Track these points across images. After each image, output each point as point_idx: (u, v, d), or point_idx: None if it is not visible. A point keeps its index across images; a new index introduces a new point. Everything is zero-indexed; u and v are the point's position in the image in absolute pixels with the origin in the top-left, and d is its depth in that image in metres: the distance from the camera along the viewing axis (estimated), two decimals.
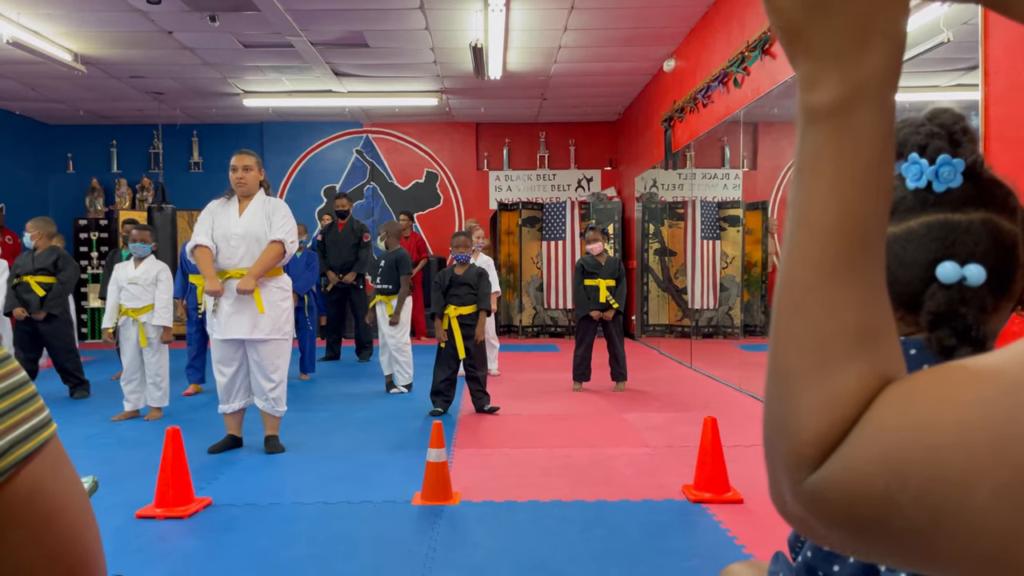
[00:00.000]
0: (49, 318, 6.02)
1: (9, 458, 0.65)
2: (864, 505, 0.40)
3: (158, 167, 11.55)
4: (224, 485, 3.78)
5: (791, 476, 0.44)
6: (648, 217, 9.99)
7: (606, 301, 6.18)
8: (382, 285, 6.35)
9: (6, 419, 0.66)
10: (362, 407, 5.81)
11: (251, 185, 4.26)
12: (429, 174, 11.90)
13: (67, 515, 0.70)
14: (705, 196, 8.82)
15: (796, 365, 0.44)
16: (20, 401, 0.67)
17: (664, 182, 9.57)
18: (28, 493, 0.67)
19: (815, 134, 0.45)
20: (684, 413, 5.46)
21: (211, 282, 4.14)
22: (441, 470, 3.49)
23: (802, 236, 0.46)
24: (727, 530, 3.09)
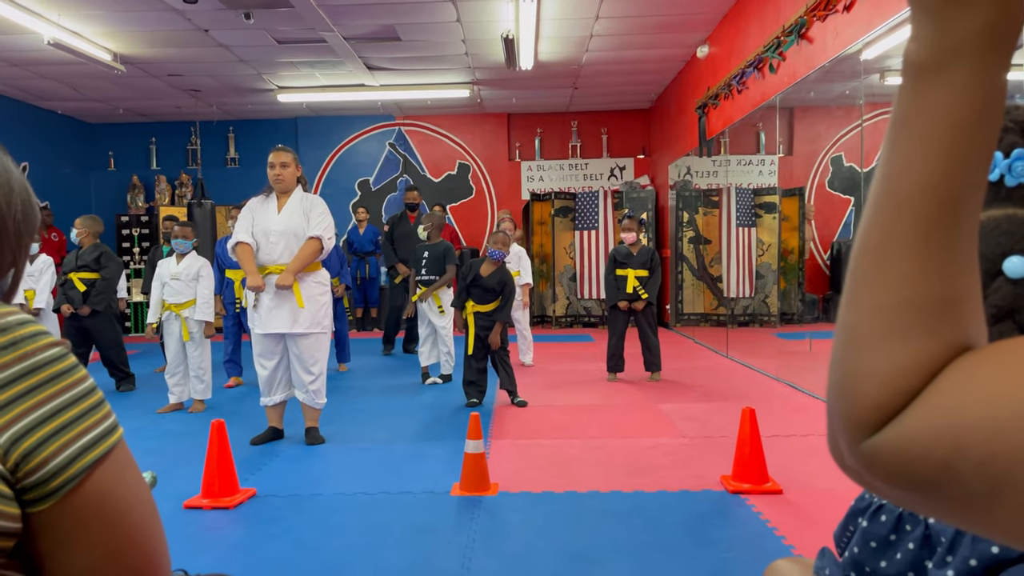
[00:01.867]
0: (93, 314, 6.16)
1: (78, 464, 0.69)
2: (922, 470, 0.41)
3: (196, 163, 11.74)
4: (267, 476, 3.86)
5: (850, 435, 0.44)
6: (682, 205, 9.91)
7: (634, 291, 6.17)
8: (428, 276, 6.39)
9: (75, 426, 0.69)
10: (399, 398, 5.87)
11: (288, 181, 4.32)
12: (461, 166, 11.93)
13: (132, 516, 0.74)
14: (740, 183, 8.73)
15: (866, 329, 0.44)
16: (88, 409, 0.71)
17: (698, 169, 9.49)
18: (96, 496, 0.70)
19: (908, 90, 0.44)
20: (720, 403, 5.43)
21: (253, 278, 4.21)
22: (479, 461, 3.53)
23: (884, 198, 0.45)
24: (766, 521, 3.08)
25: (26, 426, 0.66)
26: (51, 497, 0.67)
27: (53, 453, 0.67)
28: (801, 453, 4.06)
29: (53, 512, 0.67)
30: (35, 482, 0.66)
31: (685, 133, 9.54)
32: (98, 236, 6.37)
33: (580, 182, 11.81)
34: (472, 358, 5.47)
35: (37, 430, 0.66)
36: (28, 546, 0.68)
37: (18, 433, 0.65)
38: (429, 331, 6.51)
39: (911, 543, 0.78)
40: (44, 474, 0.66)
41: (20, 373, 0.66)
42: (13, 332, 0.67)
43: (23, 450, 0.65)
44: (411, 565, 2.72)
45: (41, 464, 0.66)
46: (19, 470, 0.65)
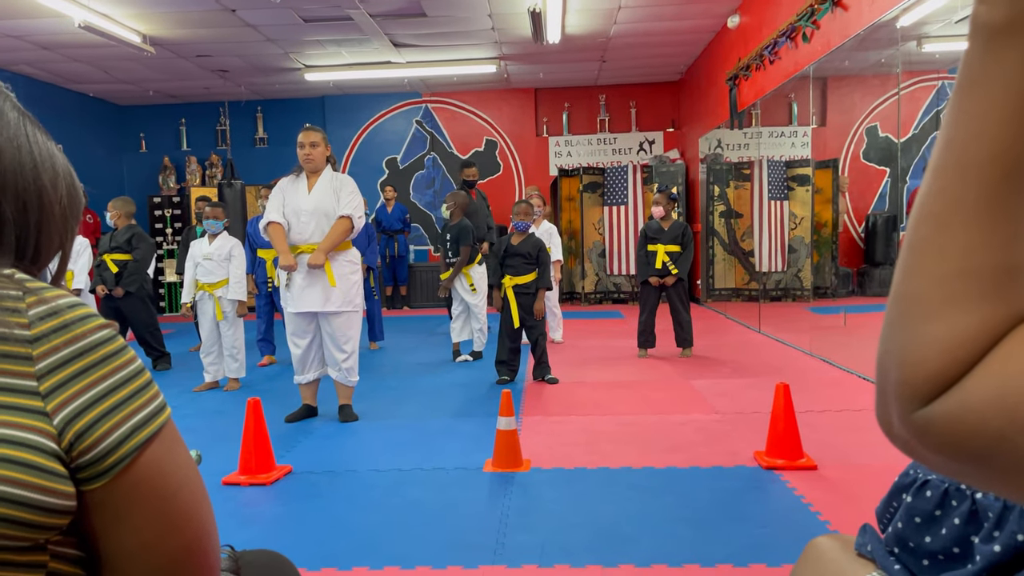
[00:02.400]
0: (126, 295, 6.27)
1: (131, 443, 0.70)
2: (976, 441, 0.40)
3: (225, 144, 11.84)
4: (303, 453, 3.93)
5: (902, 405, 0.44)
6: (713, 179, 9.81)
7: (664, 266, 6.13)
8: (454, 258, 6.43)
9: (126, 406, 0.71)
10: (431, 376, 5.92)
11: (318, 161, 4.35)
12: (488, 142, 11.89)
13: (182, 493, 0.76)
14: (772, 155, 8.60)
15: (924, 297, 0.43)
16: (137, 389, 0.72)
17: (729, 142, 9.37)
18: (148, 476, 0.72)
19: (977, 52, 0.42)
20: (753, 379, 5.40)
21: (285, 257, 4.26)
22: (511, 438, 3.55)
23: (948, 164, 0.43)
24: (801, 496, 3.07)
25: (79, 406, 0.67)
26: (105, 475, 0.69)
27: (106, 432, 0.68)
28: (836, 428, 4.03)
29: (107, 490, 0.69)
30: (89, 461, 0.68)
31: (716, 105, 9.41)
32: (131, 217, 6.47)
33: (609, 157, 11.72)
34: (506, 337, 5.49)
35: (90, 410, 0.68)
36: (82, 524, 0.71)
37: (72, 413, 0.67)
38: (461, 308, 6.55)
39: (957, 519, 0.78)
40: (98, 453, 0.68)
41: (72, 355, 0.68)
42: (64, 315, 0.69)
43: (77, 430, 0.67)
44: (445, 541, 2.75)
45: (95, 443, 0.68)
46: (73, 449, 0.67)
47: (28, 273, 0.74)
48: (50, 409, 0.66)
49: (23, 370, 0.66)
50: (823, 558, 0.95)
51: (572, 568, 2.50)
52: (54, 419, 0.66)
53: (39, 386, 0.66)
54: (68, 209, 0.81)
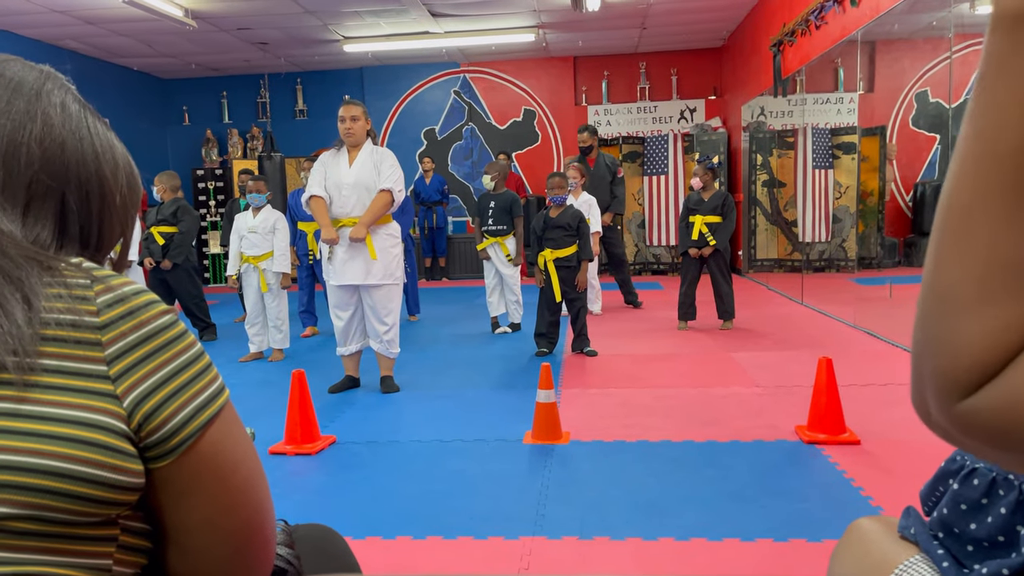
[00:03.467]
0: (172, 267, 6.41)
1: (194, 423, 0.74)
2: (1021, 431, 0.40)
3: (266, 116, 11.96)
4: (346, 423, 4.02)
5: (942, 396, 0.43)
6: (755, 147, 9.64)
7: (701, 236, 6.08)
8: (495, 227, 6.44)
9: (189, 388, 0.74)
10: (470, 347, 5.98)
11: (359, 135, 4.38)
12: (527, 112, 11.82)
13: (241, 471, 0.79)
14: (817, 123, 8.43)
15: (960, 289, 0.43)
16: (199, 372, 0.76)
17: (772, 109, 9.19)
18: (210, 454, 0.75)
19: (1002, 42, 0.41)
20: (795, 352, 5.35)
21: (327, 231, 4.31)
22: (550, 410, 3.58)
23: (976, 154, 0.42)
24: (843, 471, 3.06)
25: (147, 389, 0.71)
26: (171, 455, 0.72)
27: (172, 413, 0.72)
28: (880, 403, 3.99)
29: (172, 468, 0.73)
30: (156, 441, 0.72)
31: (759, 72, 9.22)
32: (177, 191, 6.59)
33: (649, 126, 11.58)
34: (546, 309, 5.51)
35: (156, 392, 0.71)
36: (149, 500, 0.74)
37: (140, 395, 0.70)
38: (496, 280, 6.58)
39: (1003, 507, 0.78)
40: (164, 433, 0.72)
41: (139, 340, 0.71)
42: (130, 302, 0.72)
43: (145, 411, 0.71)
44: (486, 511, 2.81)
45: (161, 424, 0.71)
46: (142, 430, 0.71)
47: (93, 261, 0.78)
48: (120, 392, 0.70)
49: (94, 355, 0.69)
50: (865, 539, 0.96)
51: (612, 540, 2.53)
52: (124, 401, 0.70)
53: (109, 370, 0.70)
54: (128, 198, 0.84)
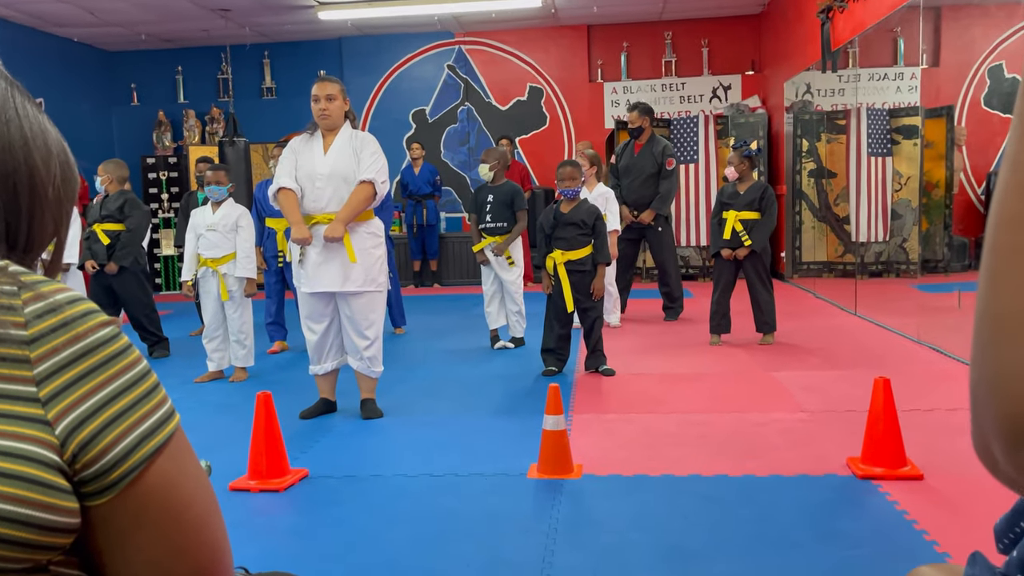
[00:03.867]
0: (120, 271, 6.42)
1: (138, 454, 0.74)
2: None
3: (227, 95, 12.00)
4: (320, 454, 4.02)
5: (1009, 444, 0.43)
6: (801, 131, 9.66)
7: (734, 235, 6.08)
8: (494, 224, 6.44)
9: (132, 413, 0.74)
10: (466, 365, 5.98)
11: (335, 117, 4.39)
12: (533, 90, 11.85)
13: (194, 509, 0.80)
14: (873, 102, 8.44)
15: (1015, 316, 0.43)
16: (144, 394, 0.76)
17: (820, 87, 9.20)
18: (157, 490, 0.76)
19: None
20: (847, 371, 5.34)
21: (298, 229, 4.32)
22: (560, 439, 3.58)
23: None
24: (904, 512, 3.05)
25: (83, 414, 0.71)
26: (110, 490, 0.73)
27: (112, 443, 0.72)
28: (946, 431, 3.98)
29: (112, 506, 0.73)
30: (93, 474, 0.72)
31: (804, 43, 9.23)
32: (124, 182, 6.62)
33: (676, 106, 11.60)
34: (555, 321, 5.51)
35: (94, 418, 0.71)
36: (87, 542, 0.75)
37: (75, 422, 0.71)
38: (496, 287, 6.58)
39: None
40: (103, 465, 0.72)
41: (74, 356, 0.71)
42: (64, 312, 0.72)
43: (80, 440, 0.71)
44: (484, 558, 2.80)
45: (99, 455, 0.72)
46: (77, 462, 0.71)
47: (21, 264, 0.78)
48: (51, 417, 0.70)
49: (21, 375, 0.70)
50: None
51: None
52: (56, 428, 0.70)
53: (39, 392, 0.70)
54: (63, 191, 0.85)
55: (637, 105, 7.52)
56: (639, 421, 4.38)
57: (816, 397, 4.72)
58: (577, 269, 5.42)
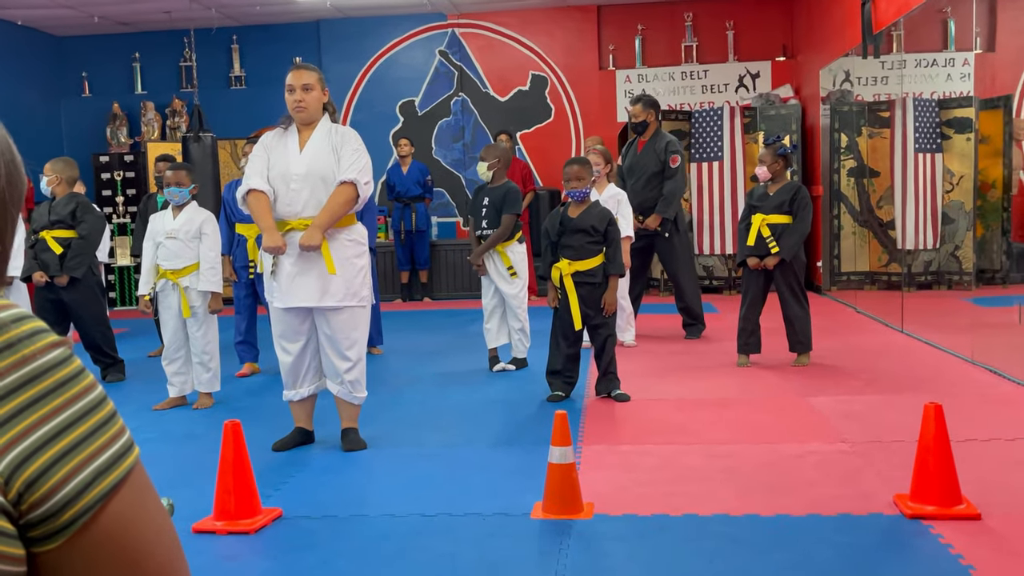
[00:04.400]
0: (71, 282, 6.42)
1: (92, 493, 0.74)
2: None
3: (191, 85, 12.02)
4: (296, 492, 4.01)
5: None
6: (839, 124, 9.68)
7: (759, 241, 6.07)
8: (491, 230, 6.44)
9: (85, 447, 0.74)
10: (461, 390, 5.97)
11: (313, 110, 4.40)
12: (536, 79, 11.88)
13: (155, 555, 0.79)
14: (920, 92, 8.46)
15: None
16: (99, 424, 0.76)
17: (861, 75, 9.22)
18: (113, 534, 0.75)
19: None
20: (893, 395, 5.34)
21: (270, 236, 4.33)
22: (567, 474, 3.57)
23: None
24: (959, 556, 3.05)
25: (29, 448, 0.71)
26: (61, 534, 0.72)
27: (62, 480, 0.72)
28: (1006, 464, 3.97)
29: (64, 551, 0.73)
30: (42, 516, 0.72)
31: (843, 26, 9.27)
32: (74, 183, 6.63)
33: (697, 96, 11.63)
34: (561, 339, 5.50)
35: (42, 452, 0.71)
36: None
37: (21, 456, 0.70)
38: (496, 301, 6.57)
39: None
40: (53, 506, 0.72)
41: (20, 382, 0.71)
42: (8, 331, 0.72)
43: (27, 478, 0.70)
44: None
45: (49, 494, 0.71)
46: (23, 502, 0.71)
47: None
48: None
49: None
50: None
51: None
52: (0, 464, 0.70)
53: None
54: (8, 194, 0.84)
55: (640, 97, 7.54)
56: (657, 453, 4.37)
57: (858, 425, 4.72)
58: (586, 281, 5.41)
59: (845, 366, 6.25)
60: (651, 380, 5.99)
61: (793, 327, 6.25)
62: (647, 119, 7.52)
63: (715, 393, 5.59)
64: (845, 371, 6.10)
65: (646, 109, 7.51)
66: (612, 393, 5.51)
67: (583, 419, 5.09)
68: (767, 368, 6.25)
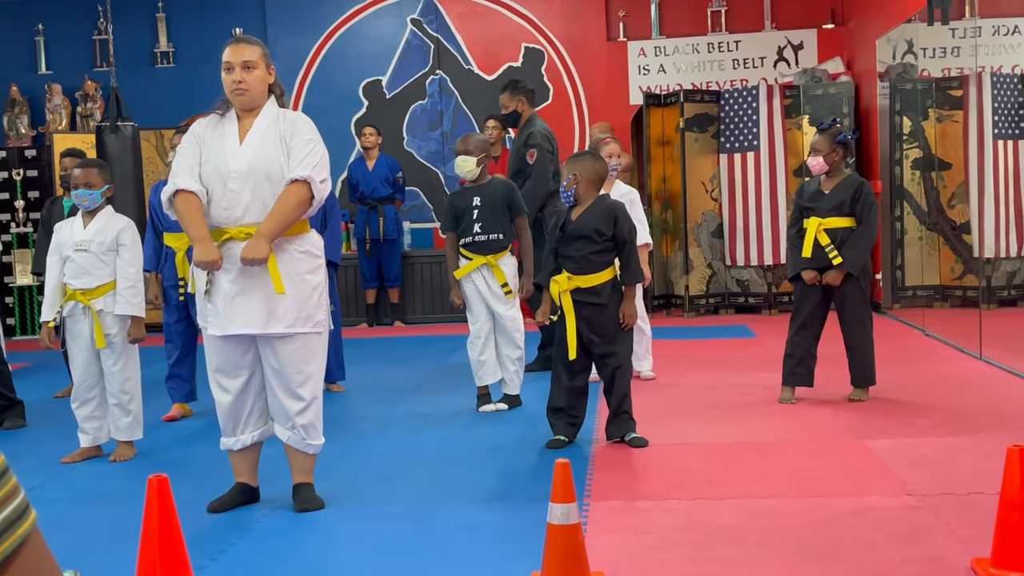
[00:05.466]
0: None
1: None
2: None
3: (107, 63, 12.02)
4: (237, 562, 3.99)
5: None
6: (901, 106, 9.73)
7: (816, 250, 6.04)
8: (486, 236, 6.44)
9: None
10: (439, 435, 5.96)
11: (256, 92, 4.40)
12: (530, 52, 11.91)
13: None
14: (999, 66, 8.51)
15: None
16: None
17: (927, 45, 9.27)
18: None
19: None
20: (970, 437, 5.34)
21: (203, 248, 4.30)
22: (572, 537, 3.56)
23: None
24: None
25: None
26: None
27: None
28: None
29: None
30: None
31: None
32: None
33: (727, 73, 11.68)
34: (563, 370, 5.50)
35: None
36: None
37: None
38: (488, 325, 6.56)
39: None
40: None
41: None
42: None
43: None
44: None
45: None
46: None
47: None
48: None
49: None
50: None
51: None
52: None
53: None
54: None
55: (508, 83, 7.79)
56: (682, 511, 4.36)
57: (928, 474, 4.71)
58: (589, 301, 5.41)
59: (911, 401, 6.26)
60: (674, 420, 5.98)
61: (854, 355, 6.23)
62: (518, 108, 7.72)
63: (753, 436, 5.58)
64: (911, 407, 6.10)
65: (514, 96, 7.72)
66: (626, 437, 5.50)
67: (591, 469, 5.08)
68: (816, 404, 6.25)
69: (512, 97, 7.71)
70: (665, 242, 11.11)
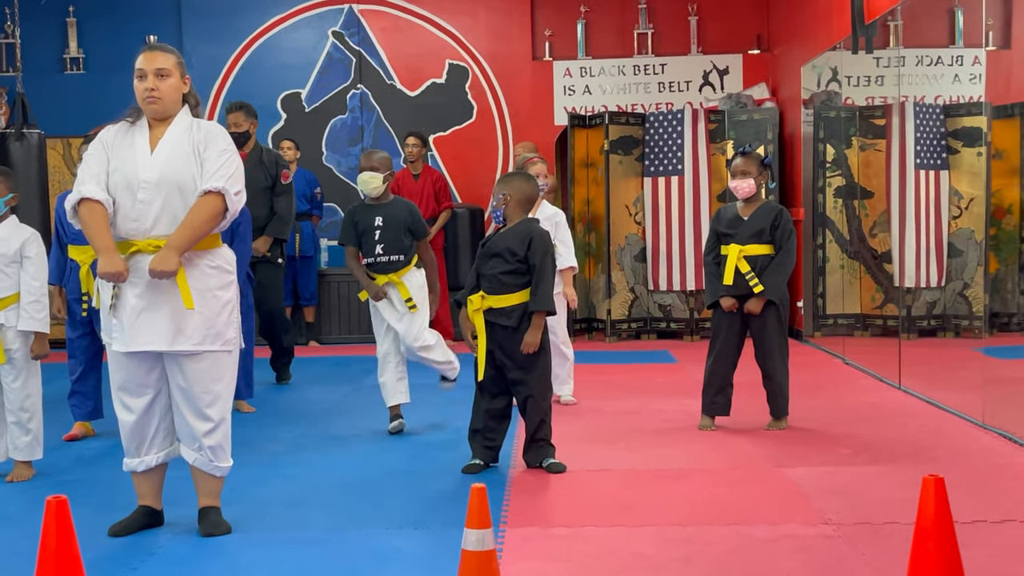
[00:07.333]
0: None
1: None
2: None
3: (14, 68, 11.81)
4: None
5: None
6: (825, 133, 9.86)
7: (738, 278, 6.09)
8: (388, 256, 6.45)
9: None
10: (352, 458, 5.93)
11: (169, 101, 4.36)
12: (454, 69, 11.93)
13: None
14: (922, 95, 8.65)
15: None
16: None
17: (851, 73, 9.42)
18: None
19: None
20: (886, 466, 5.42)
21: (108, 259, 4.24)
22: (486, 564, 3.55)
23: None
24: None
25: None
26: None
27: None
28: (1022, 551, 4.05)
29: None
30: None
31: (828, 15, 9.49)
32: None
33: (653, 96, 11.79)
34: (481, 390, 5.50)
35: None
36: None
37: None
38: (392, 345, 6.55)
39: None
40: None
41: None
42: None
43: None
44: None
45: None
46: None
47: None
48: None
49: None
50: None
51: None
52: None
53: None
54: None
55: (242, 105, 8.14)
56: (599, 538, 4.37)
57: (845, 503, 4.77)
58: (500, 323, 5.43)
59: (830, 431, 6.33)
60: (593, 446, 6.01)
61: (771, 383, 6.30)
62: (249, 129, 8.08)
63: (672, 463, 5.62)
64: (829, 436, 6.18)
65: (249, 118, 8.09)
66: (544, 463, 5.51)
67: (507, 495, 5.07)
68: (736, 432, 6.30)
69: (247, 118, 8.09)
70: (588, 265, 11.14)
